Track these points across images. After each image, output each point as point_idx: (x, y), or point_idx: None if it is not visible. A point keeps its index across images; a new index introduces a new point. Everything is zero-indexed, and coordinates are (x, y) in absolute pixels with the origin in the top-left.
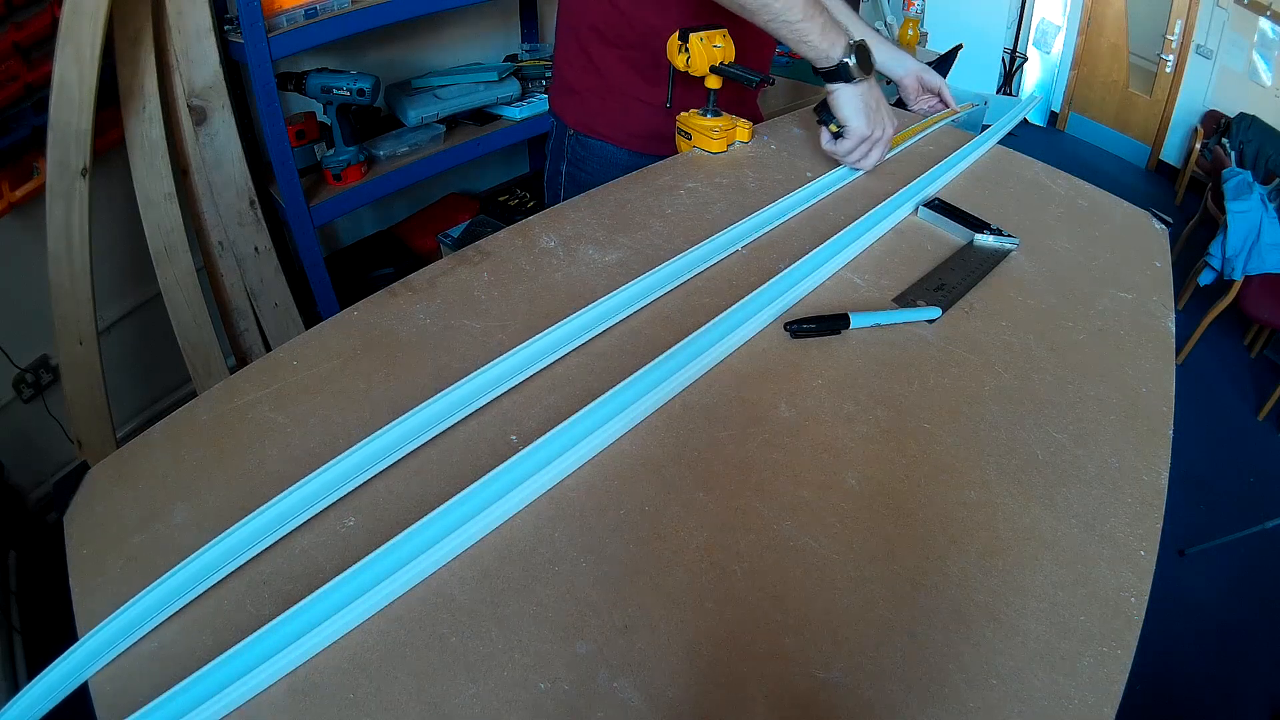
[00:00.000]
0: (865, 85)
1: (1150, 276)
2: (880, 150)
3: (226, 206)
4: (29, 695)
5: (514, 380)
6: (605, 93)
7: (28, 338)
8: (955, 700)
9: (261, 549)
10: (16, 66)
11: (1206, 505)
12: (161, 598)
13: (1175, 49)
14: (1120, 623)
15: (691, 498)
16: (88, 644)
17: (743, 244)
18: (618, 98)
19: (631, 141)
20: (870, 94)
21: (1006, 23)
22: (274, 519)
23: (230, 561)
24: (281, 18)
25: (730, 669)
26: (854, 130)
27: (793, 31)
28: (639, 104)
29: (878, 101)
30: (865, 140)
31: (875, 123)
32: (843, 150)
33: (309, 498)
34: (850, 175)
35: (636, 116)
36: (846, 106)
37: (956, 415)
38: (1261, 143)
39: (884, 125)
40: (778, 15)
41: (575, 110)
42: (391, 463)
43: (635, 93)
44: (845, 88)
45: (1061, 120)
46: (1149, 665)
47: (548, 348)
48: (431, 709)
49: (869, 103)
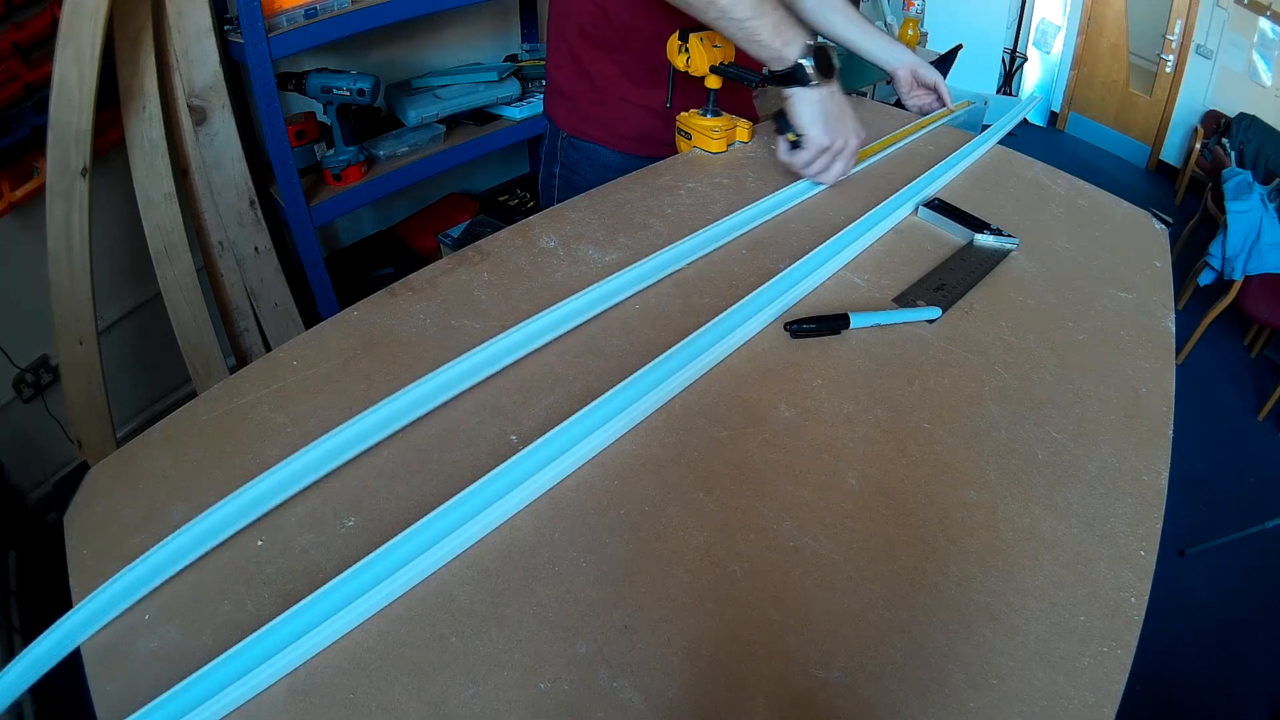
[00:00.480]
0: (825, 91)
1: (1150, 276)
2: (844, 163)
3: (226, 206)
4: (24, 661)
5: (510, 359)
6: (595, 95)
7: (28, 338)
8: (955, 700)
9: (261, 514)
10: (16, 66)
11: (1206, 505)
12: (158, 565)
13: (1175, 49)
14: (1120, 623)
15: (691, 498)
16: (89, 605)
17: (666, 271)
18: (607, 100)
19: (623, 144)
20: (831, 101)
21: (1006, 23)
22: (269, 490)
23: (232, 524)
24: (281, 18)
25: (730, 669)
26: (811, 140)
27: (741, 30)
28: (629, 106)
29: (840, 109)
30: (825, 151)
31: (837, 132)
32: (800, 162)
33: (297, 474)
34: (811, 189)
35: (627, 118)
36: (804, 113)
37: (956, 415)
38: (1261, 143)
39: (847, 135)
40: (724, 12)
41: (566, 113)
42: (392, 432)
43: (624, 94)
44: (802, 92)
45: (1061, 120)
46: (1149, 665)
47: (547, 327)
48: (431, 709)
49: (829, 110)
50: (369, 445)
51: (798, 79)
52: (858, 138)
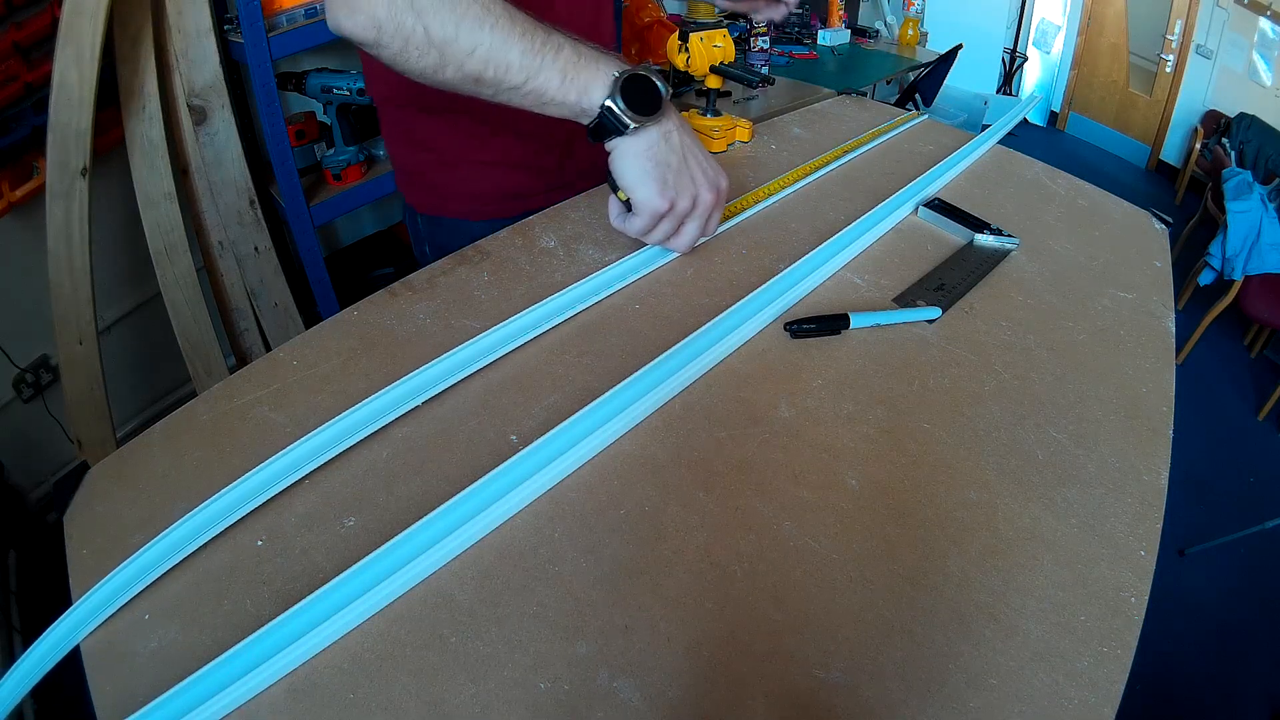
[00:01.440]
0: (652, 135)
1: (1150, 276)
2: (696, 225)
3: (226, 206)
4: (25, 663)
5: (505, 350)
6: (438, 165)
7: (28, 338)
8: (955, 700)
9: (260, 503)
10: (16, 66)
11: (1206, 505)
12: (157, 557)
13: (1175, 49)
14: (1120, 623)
15: (691, 498)
16: (93, 597)
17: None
18: (453, 166)
19: (485, 209)
20: (663, 147)
21: (1006, 23)
22: (267, 479)
23: (231, 514)
24: (281, 18)
25: (730, 669)
26: (640, 204)
27: (525, 98)
28: (476, 166)
29: (683, 155)
30: (663, 216)
31: (679, 188)
32: (635, 229)
33: (295, 464)
34: (664, 256)
35: (479, 180)
36: (626, 171)
37: (956, 415)
38: (1261, 143)
39: (695, 189)
40: (498, 85)
41: (418, 191)
42: (390, 421)
43: (466, 155)
44: (619, 144)
45: (1061, 120)
46: (1149, 665)
47: (541, 319)
48: (431, 709)
49: (661, 160)
50: (367, 434)
51: (609, 128)
52: (712, 191)
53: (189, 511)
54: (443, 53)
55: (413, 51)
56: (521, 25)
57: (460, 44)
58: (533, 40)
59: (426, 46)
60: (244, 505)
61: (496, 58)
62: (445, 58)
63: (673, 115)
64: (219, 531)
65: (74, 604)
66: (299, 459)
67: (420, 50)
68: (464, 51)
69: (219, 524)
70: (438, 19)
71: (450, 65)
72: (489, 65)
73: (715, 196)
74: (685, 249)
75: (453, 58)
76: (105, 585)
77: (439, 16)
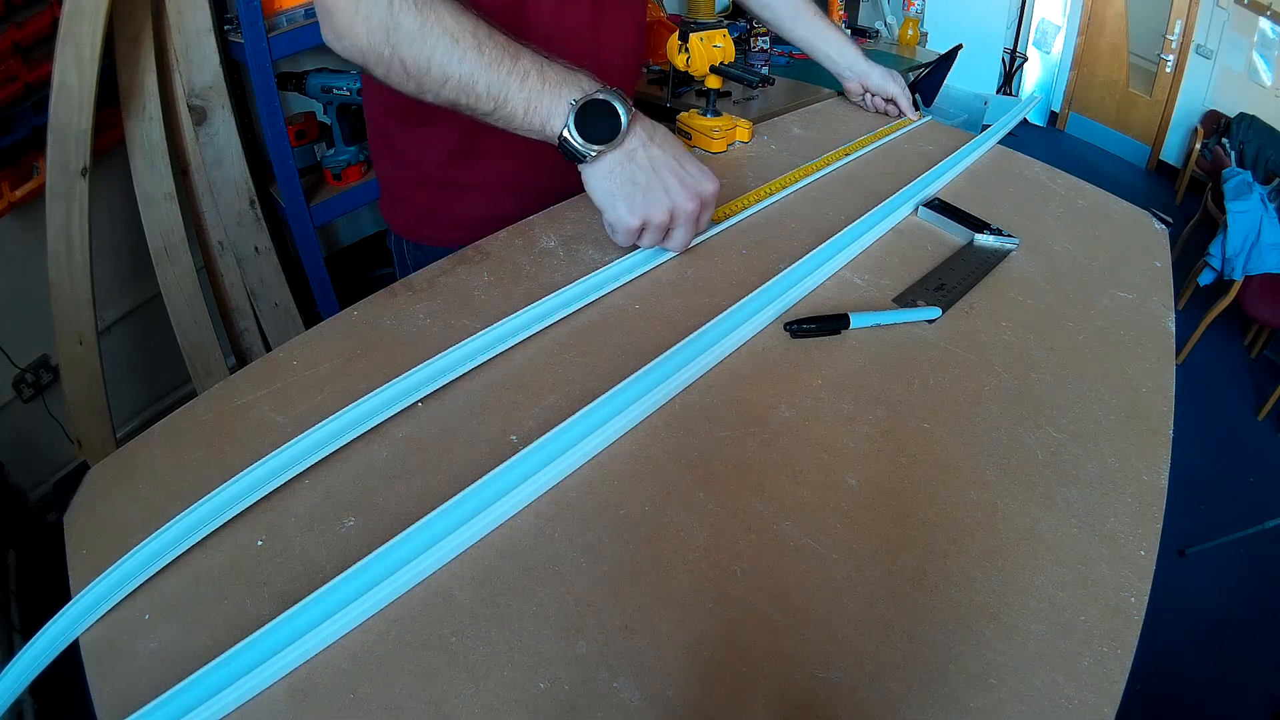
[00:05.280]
0: (615, 158)
1: (1150, 276)
2: (684, 230)
3: (226, 206)
4: (23, 659)
5: (503, 347)
6: (421, 185)
7: (28, 338)
8: (955, 700)
9: (257, 499)
10: (16, 66)
11: (1206, 505)
12: (156, 552)
13: (1175, 49)
14: (1120, 623)
15: (691, 498)
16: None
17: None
18: (429, 186)
19: (468, 235)
20: (629, 166)
21: (1006, 23)
22: (265, 475)
23: (230, 508)
24: (281, 18)
25: (730, 669)
26: (612, 224)
27: (500, 124)
28: (459, 189)
29: (651, 172)
30: (641, 231)
31: (649, 204)
32: (619, 242)
33: (293, 460)
34: (662, 255)
35: (462, 204)
36: (595, 193)
37: (956, 415)
38: (1261, 143)
39: (669, 201)
40: (475, 112)
41: (401, 215)
42: (389, 416)
43: (450, 178)
44: (585, 169)
45: (1061, 120)
46: (1149, 665)
47: (538, 317)
48: (432, 709)
49: (628, 179)
50: (366, 429)
51: (571, 154)
52: (693, 199)
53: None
54: (419, 82)
55: (394, 79)
56: (490, 54)
57: (433, 75)
58: (498, 70)
59: (405, 76)
60: (244, 500)
61: (466, 87)
62: (423, 86)
63: (639, 132)
64: (219, 527)
65: (72, 599)
66: (299, 454)
67: (400, 79)
68: (437, 82)
69: (219, 518)
70: (410, 51)
71: (429, 93)
72: (461, 94)
73: (697, 204)
74: (680, 250)
75: (429, 87)
76: (104, 580)
77: (411, 49)
